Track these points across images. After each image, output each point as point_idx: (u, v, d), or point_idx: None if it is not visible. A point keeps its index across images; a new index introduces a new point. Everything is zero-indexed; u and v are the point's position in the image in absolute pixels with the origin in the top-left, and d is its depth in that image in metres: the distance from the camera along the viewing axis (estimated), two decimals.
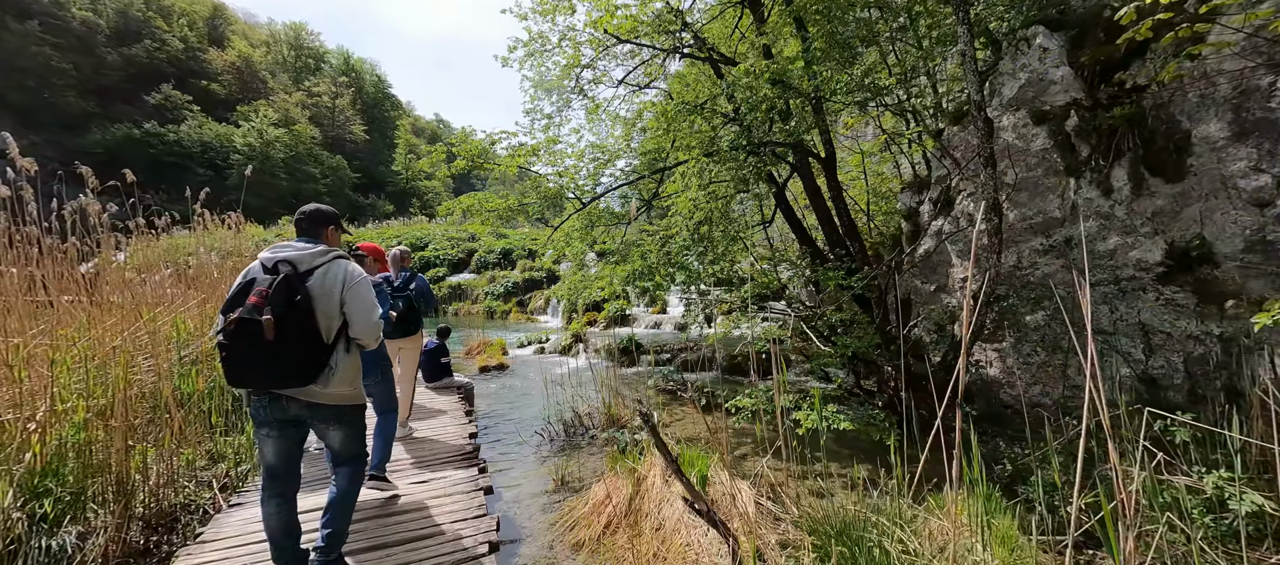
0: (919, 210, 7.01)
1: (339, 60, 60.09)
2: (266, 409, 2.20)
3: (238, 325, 2.02)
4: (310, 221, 2.43)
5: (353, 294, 2.29)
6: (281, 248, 2.28)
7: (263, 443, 2.26)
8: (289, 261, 2.20)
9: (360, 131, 55.04)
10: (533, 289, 20.62)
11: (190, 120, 40.57)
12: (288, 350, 2.09)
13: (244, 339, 2.02)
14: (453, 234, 26.57)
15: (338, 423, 2.34)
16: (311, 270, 2.23)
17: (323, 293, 2.22)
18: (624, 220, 8.38)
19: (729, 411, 4.74)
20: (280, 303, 2.08)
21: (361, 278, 2.36)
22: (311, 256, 2.26)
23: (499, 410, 6.55)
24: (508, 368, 8.92)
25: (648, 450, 3.97)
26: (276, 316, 2.04)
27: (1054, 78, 4.91)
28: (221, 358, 2.08)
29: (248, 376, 2.12)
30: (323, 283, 2.23)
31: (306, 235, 2.40)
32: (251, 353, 2.04)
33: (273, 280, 2.12)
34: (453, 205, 6.44)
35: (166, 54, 43.84)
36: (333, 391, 2.25)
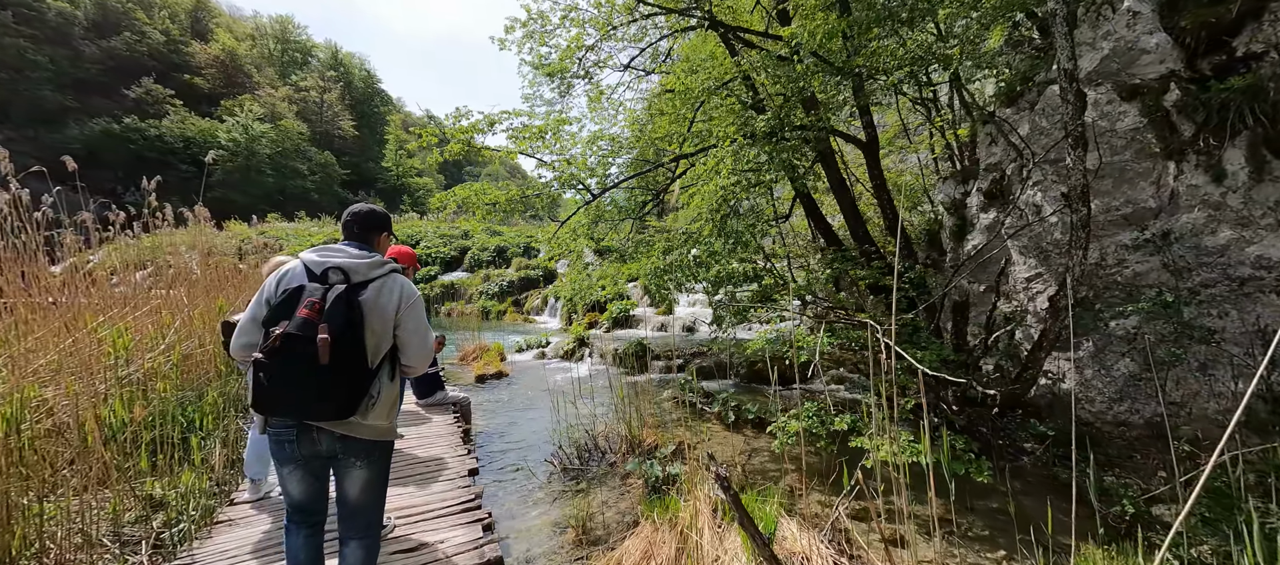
0: (965, 202, 6.34)
1: (327, 55, 58.72)
2: (293, 444, 1.88)
3: (285, 342, 1.73)
4: (363, 225, 2.09)
5: (410, 315, 1.99)
6: (331, 251, 1.97)
7: (286, 479, 1.97)
8: (342, 270, 1.90)
9: (349, 127, 53.84)
10: (529, 288, 19.85)
11: (172, 115, 39.32)
12: (339, 375, 1.79)
13: (292, 360, 1.73)
14: (445, 231, 25.73)
15: (367, 461, 1.98)
16: (366, 282, 1.93)
17: (376, 310, 1.91)
18: (631, 215, 7.67)
19: (772, 433, 4.03)
20: (340, 319, 1.79)
21: (418, 297, 2.07)
22: (368, 267, 1.95)
23: (499, 428, 5.81)
24: (507, 375, 8.18)
25: (688, 489, 3.26)
26: (334, 335, 1.76)
27: (1147, 46, 4.24)
28: (255, 377, 1.76)
29: (286, 403, 1.81)
30: (377, 299, 1.92)
31: (357, 240, 2.06)
32: (298, 376, 1.75)
33: (323, 291, 1.83)
34: (446, 197, 5.70)
35: (147, 47, 42.51)
36: (371, 423, 1.94)
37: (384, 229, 2.18)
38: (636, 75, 10.06)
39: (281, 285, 1.90)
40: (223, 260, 18.47)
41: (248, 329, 1.89)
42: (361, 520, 2.02)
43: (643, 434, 4.63)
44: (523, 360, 9.57)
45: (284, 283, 1.90)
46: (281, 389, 1.77)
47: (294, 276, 1.91)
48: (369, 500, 2.02)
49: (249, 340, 1.88)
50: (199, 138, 39.07)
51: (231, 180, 38.68)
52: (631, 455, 4.33)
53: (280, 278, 1.92)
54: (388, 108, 63.80)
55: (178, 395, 4.10)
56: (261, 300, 1.91)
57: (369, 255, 1.99)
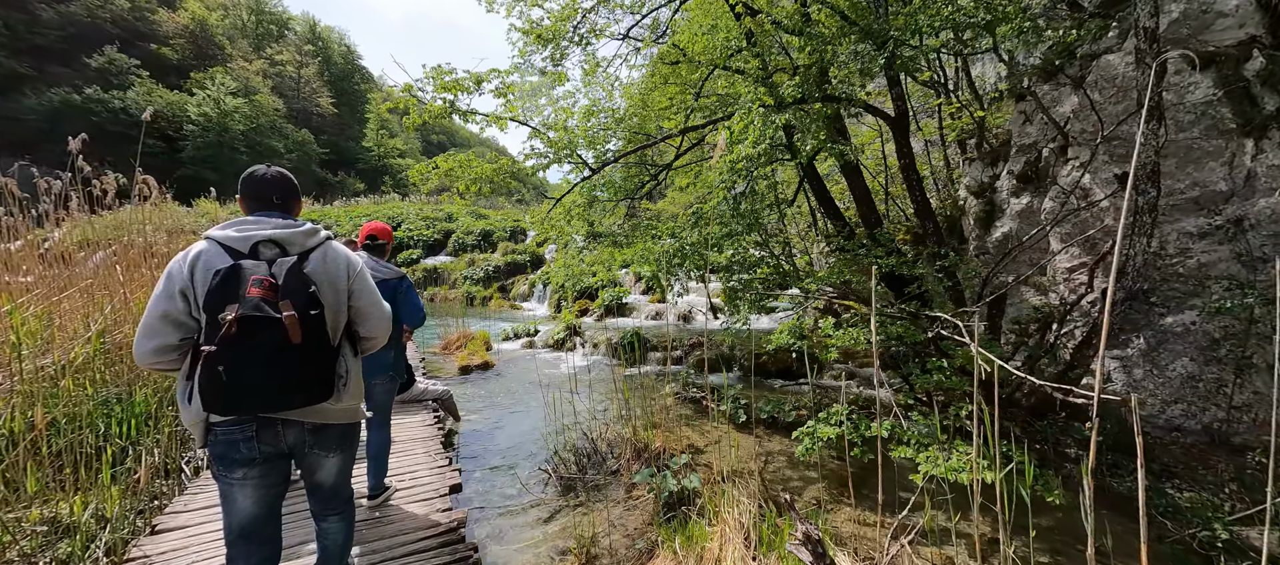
0: (995, 186, 5.88)
1: (305, 28, 56.42)
2: (252, 442, 1.65)
3: (244, 326, 1.51)
4: (285, 194, 1.85)
5: (361, 283, 1.85)
6: (247, 223, 1.72)
7: (235, 491, 1.67)
8: (276, 243, 1.70)
9: (328, 105, 51.94)
10: (515, 273, 19.17)
11: (138, 86, 37.41)
12: (310, 356, 1.62)
13: (256, 347, 1.53)
14: (428, 213, 24.85)
15: (340, 448, 1.86)
16: (306, 253, 1.73)
17: (325, 282, 1.74)
18: (629, 194, 7.08)
19: (797, 438, 3.54)
20: (300, 293, 1.62)
21: (362, 264, 1.90)
22: (303, 237, 1.75)
23: (485, 427, 5.25)
24: (493, 366, 7.59)
25: (712, 510, 2.76)
26: (299, 310, 1.58)
27: (1225, 8, 3.77)
28: (209, 373, 1.50)
29: (252, 397, 1.57)
30: (324, 268, 1.75)
31: (279, 210, 1.82)
32: (267, 363, 1.55)
33: (267, 266, 1.63)
34: (427, 169, 5.06)
35: (110, 13, 40.31)
36: (344, 406, 1.79)
37: (299, 197, 1.93)
38: (634, 47, 9.47)
39: (199, 270, 1.59)
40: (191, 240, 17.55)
41: (158, 328, 1.56)
42: (339, 495, 1.93)
43: (649, 437, 4.11)
44: (510, 350, 8.98)
45: (202, 266, 1.60)
46: (246, 381, 1.53)
47: (213, 258, 1.61)
48: (343, 480, 1.93)
49: (162, 342, 1.57)
50: (168, 111, 37.30)
51: (203, 157, 37.08)
52: (637, 462, 3.81)
53: (191, 262, 1.61)
54: (368, 86, 61.75)
55: (101, 393, 3.46)
56: (172, 293, 1.58)
57: (296, 224, 1.78)
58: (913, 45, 4.54)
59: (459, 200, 5.62)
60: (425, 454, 3.59)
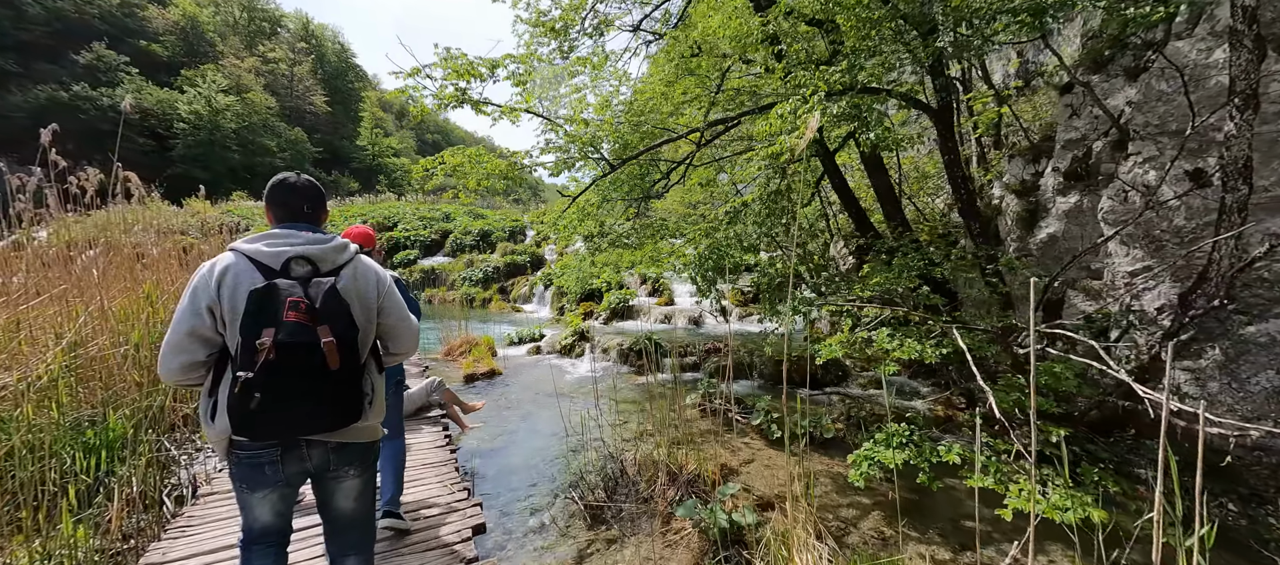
0: (1038, 184, 5.54)
1: (298, 25, 55.67)
2: (277, 466, 1.59)
3: (283, 352, 1.44)
4: (315, 203, 1.75)
5: (392, 300, 1.77)
6: (281, 238, 1.62)
7: (257, 506, 1.64)
8: (308, 260, 1.61)
9: (322, 103, 51.24)
10: (515, 274, 18.76)
11: (127, 83, 36.71)
12: (344, 379, 1.56)
13: (293, 373, 1.46)
14: (425, 213, 24.40)
15: (361, 467, 1.77)
16: (338, 270, 1.65)
17: (357, 300, 1.65)
18: (643, 194, 6.72)
19: (854, 463, 3.17)
20: (340, 318, 1.56)
21: (391, 279, 1.84)
22: (334, 253, 1.66)
23: (496, 443, 4.86)
24: (499, 374, 7.20)
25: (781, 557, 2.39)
26: (338, 335, 1.52)
27: None
28: (241, 398, 1.42)
29: (284, 422, 1.51)
30: (355, 285, 1.67)
31: (308, 221, 1.73)
32: (301, 390, 1.48)
33: (303, 287, 1.54)
34: (432, 164, 4.66)
35: (99, 9, 39.54)
36: (367, 425, 1.72)
37: (326, 207, 1.84)
38: (645, 41, 9.11)
39: (226, 285, 1.52)
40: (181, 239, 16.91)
41: (185, 345, 1.51)
42: (358, 532, 1.82)
43: (679, 457, 3.74)
44: (516, 356, 8.58)
45: (231, 281, 1.53)
46: (280, 408, 1.48)
47: (244, 274, 1.54)
48: (364, 507, 1.82)
49: (189, 359, 1.51)
50: (158, 109, 36.65)
51: (194, 155, 36.45)
52: (672, 487, 3.44)
53: (219, 277, 1.53)
54: (362, 84, 61.06)
55: (71, 416, 3.06)
56: (199, 309, 1.51)
57: (327, 238, 1.69)
58: (962, 32, 4.20)
59: (462, 197, 5.23)
60: (438, 482, 3.21)
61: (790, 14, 5.03)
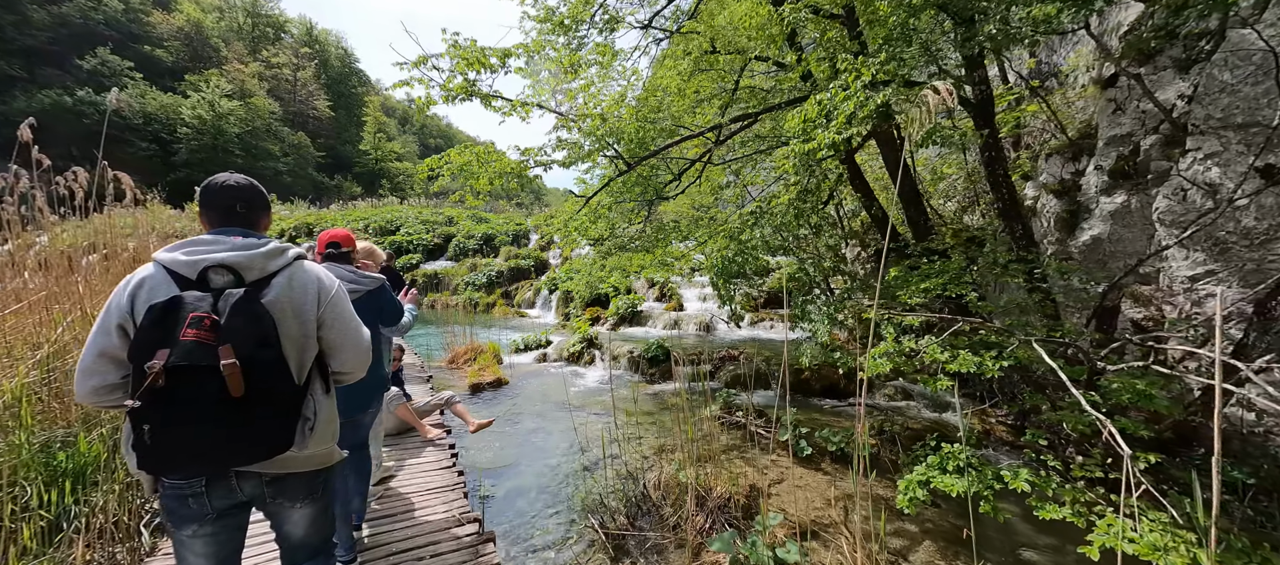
0: (1079, 184, 5.24)
1: (301, 30, 55.75)
2: (202, 498, 1.42)
3: (173, 378, 1.25)
4: (249, 203, 1.56)
5: (334, 311, 1.56)
6: (202, 245, 1.43)
7: (185, 548, 1.46)
8: (229, 268, 1.41)
9: (325, 108, 51.20)
10: (519, 278, 18.50)
11: (131, 88, 36.69)
12: (261, 407, 1.34)
13: (187, 402, 1.26)
14: (428, 217, 24.19)
15: (309, 498, 1.57)
16: (267, 279, 1.45)
17: (290, 312, 1.46)
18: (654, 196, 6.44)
19: (908, 491, 2.86)
20: (249, 336, 1.33)
21: (340, 287, 1.62)
22: (264, 258, 1.46)
23: (506, 461, 4.56)
24: (506, 383, 6.91)
25: None
26: (243, 358, 1.30)
27: None
28: (134, 431, 1.27)
29: (189, 457, 1.33)
30: (289, 296, 1.46)
31: (240, 224, 1.54)
32: (202, 420, 1.28)
33: (212, 300, 1.34)
34: (436, 163, 4.39)
35: (103, 15, 39.63)
36: (310, 453, 1.51)
37: (268, 210, 1.66)
38: (655, 39, 8.85)
39: (142, 300, 1.36)
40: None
41: (96, 367, 1.34)
42: (315, 545, 1.65)
43: (704, 477, 3.43)
44: (522, 363, 8.29)
45: (148, 297, 1.36)
46: (180, 442, 1.28)
47: (155, 286, 1.38)
48: (314, 532, 1.63)
49: (102, 381, 1.35)
50: (161, 114, 36.62)
51: (197, 160, 36.36)
52: (701, 513, 3.13)
53: (133, 291, 1.39)
54: (366, 89, 61.10)
55: (41, 436, 2.77)
56: (108, 326, 1.36)
57: (258, 242, 1.50)
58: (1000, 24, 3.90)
59: (469, 199, 4.96)
60: (445, 509, 2.91)
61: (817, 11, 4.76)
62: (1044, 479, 2.64)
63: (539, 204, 46.59)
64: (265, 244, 1.49)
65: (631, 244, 6.67)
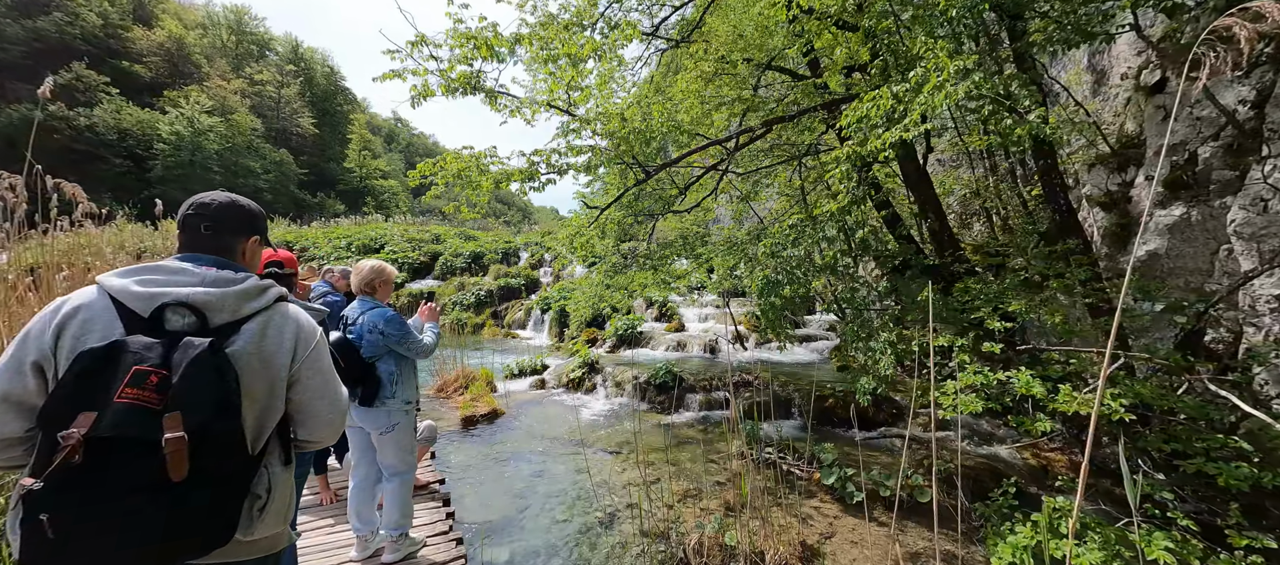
0: (1130, 195, 4.87)
1: (287, 49, 55.14)
2: None
3: (96, 454, 0.96)
4: (219, 224, 1.27)
5: (312, 366, 1.25)
6: (158, 273, 1.15)
7: None
8: (191, 307, 1.11)
9: (309, 125, 50.40)
10: (510, 298, 17.87)
11: (106, 104, 35.71)
12: (200, 490, 1.03)
13: (110, 488, 0.96)
14: (414, 234, 23.53)
15: None
16: (237, 324, 1.16)
17: (259, 368, 1.16)
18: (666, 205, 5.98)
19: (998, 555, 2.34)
20: (207, 402, 1.04)
21: (320, 335, 1.31)
22: (237, 298, 1.17)
23: (507, 515, 3.96)
24: (502, 415, 6.29)
25: None
26: (194, 430, 1.01)
27: None
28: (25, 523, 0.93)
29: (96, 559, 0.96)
30: (258, 348, 1.17)
31: (210, 251, 1.25)
32: (128, 513, 0.97)
33: (163, 349, 1.04)
34: (428, 169, 3.86)
35: (81, 29, 38.74)
36: (257, 538, 1.18)
37: (256, 233, 1.34)
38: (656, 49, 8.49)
39: (71, 335, 1.06)
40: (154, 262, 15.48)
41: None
42: None
43: (761, 541, 2.88)
44: (518, 391, 7.67)
45: (80, 332, 1.06)
46: (91, 540, 0.94)
47: (91, 321, 1.07)
48: None
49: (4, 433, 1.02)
50: (136, 130, 35.61)
51: (173, 177, 35.32)
52: None
53: (61, 323, 1.06)
54: (352, 107, 60.47)
55: None
56: (20, 362, 1.04)
57: (236, 275, 1.19)
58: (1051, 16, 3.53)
59: (465, 211, 4.45)
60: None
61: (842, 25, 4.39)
62: (1187, 547, 2.14)
63: (528, 222, 46.05)
64: (244, 280, 1.20)
65: (637, 261, 6.17)
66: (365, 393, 2.56)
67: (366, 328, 2.58)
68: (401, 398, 2.64)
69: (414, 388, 2.79)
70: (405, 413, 2.69)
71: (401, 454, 2.68)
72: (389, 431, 2.62)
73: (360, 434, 2.76)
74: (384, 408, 2.60)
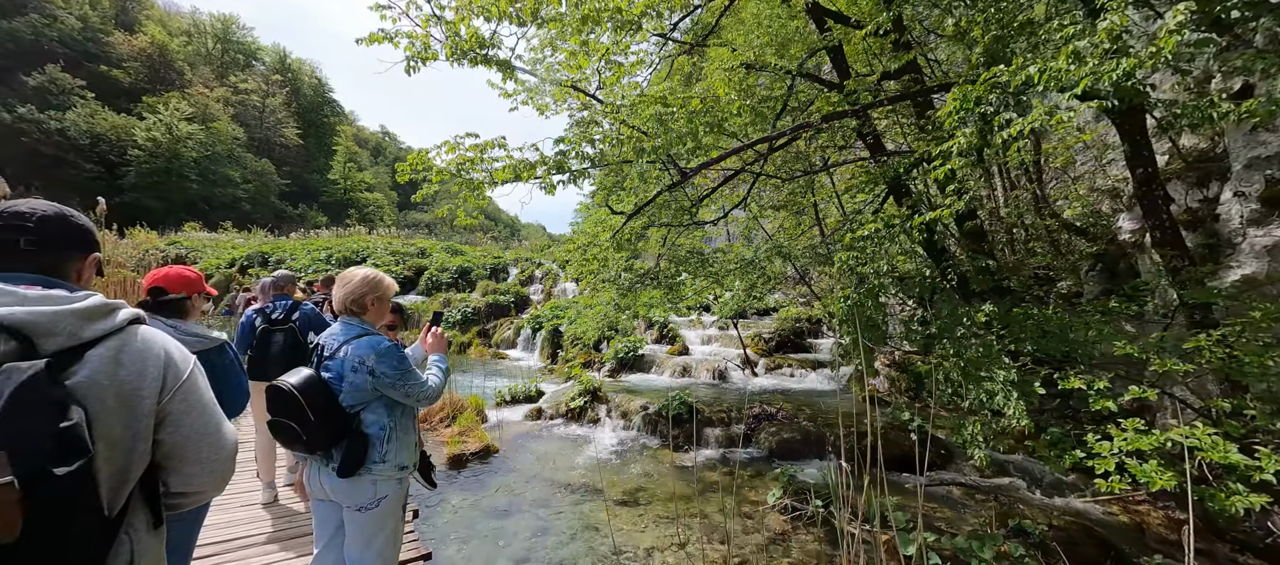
0: (1216, 213, 4.35)
1: (274, 59, 54.33)
2: None
3: None
4: (44, 240, 1.04)
5: (185, 401, 1.06)
6: None
7: None
8: (12, 331, 0.88)
9: (293, 135, 49.33)
10: (498, 316, 17.04)
11: (80, 108, 34.47)
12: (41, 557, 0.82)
13: None
14: (398, 248, 22.66)
15: None
16: (78, 350, 0.94)
17: (115, 402, 0.95)
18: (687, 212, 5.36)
19: None
20: (39, 441, 0.82)
21: (194, 364, 1.11)
22: (75, 318, 0.95)
23: None
24: (495, 452, 5.50)
25: None
26: (27, 478, 0.79)
27: None
28: None
29: None
30: (111, 379, 0.95)
31: (29, 265, 1.01)
32: None
33: None
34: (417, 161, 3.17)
35: (58, 32, 37.66)
36: None
37: (89, 250, 1.12)
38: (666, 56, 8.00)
39: None
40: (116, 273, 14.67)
41: None
42: None
43: None
44: (511, 420, 6.88)
45: None
46: None
47: None
48: None
49: None
50: (110, 135, 34.37)
51: (147, 184, 34.08)
52: None
53: None
54: (338, 119, 59.58)
55: None
56: None
57: (70, 296, 0.97)
58: None
59: (461, 216, 3.78)
60: None
61: None
62: None
63: (516, 238, 45.22)
64: (84, 299, 0.98)
65: (653, 279, 5.52)
66: (345, 457, 1.83)
67: (350, 364, 1.86)
68: (394, 462, 1.92)
69: (413, 446, 2.05)
70: (397, 482, 1.96)
71: (379, 549, 1.92)
72: (372, 508, 1.88)
73: (329, 509, 1.99)
74: (369, 476, 1.87)
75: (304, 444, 1.80)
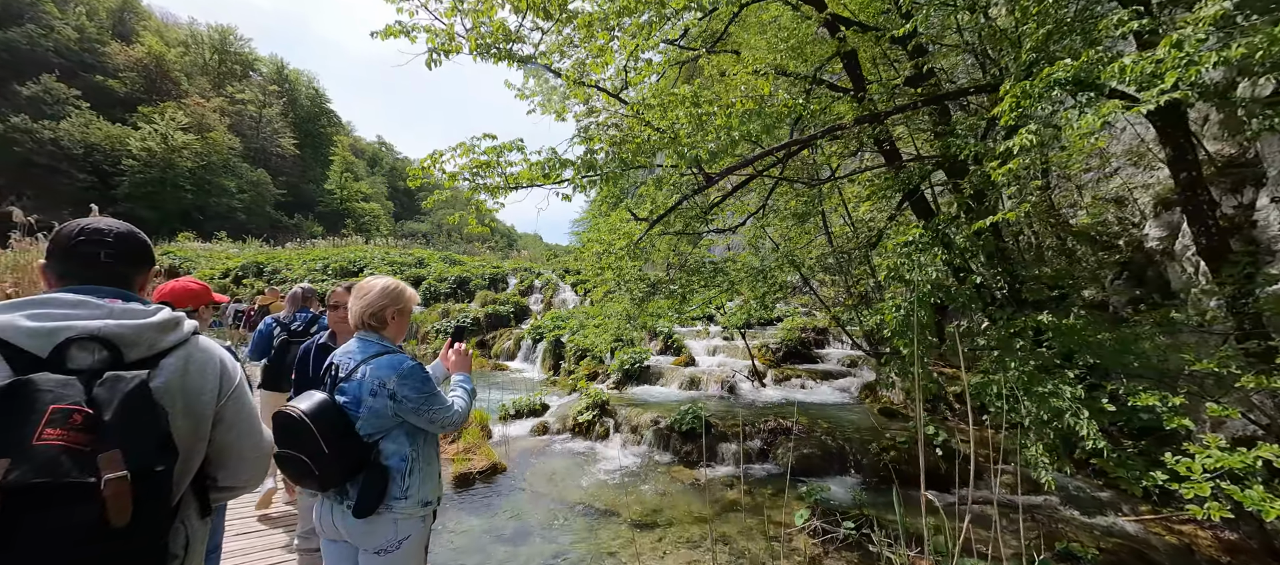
0: (1253, 219, 4.21)
1: (272, 69, 54.28)
2: None
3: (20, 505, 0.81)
4: (122, 254, 1.15)
5: (237, 407, 1.18)
6: (57, 306, 1.01)
7: None
8: (103, 341, 0.99)
9: (290, 145, 49.15)
10: (498, 326, 16.82)
11: (75, 117, 34.21)
12: (133, 539, 0.91)
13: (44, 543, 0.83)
14: (396, 258, 22.44)
15: None
16: (157, 358, 1.05)
17: (183, 407, 1.06)
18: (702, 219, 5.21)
19: None
20: (146, 439, 0.94)
21: (241, 371, 1.24)
22: (155, 331, 1.06)
23: None
24: (503, 471, 5.27)
25: None
26: (138, 471, 0.90)
27: None
28: None
29: None
30: (181, 384, 1.07)
31: (110, 281, 1.12)
32: None
33: (83, 387, 0.92)
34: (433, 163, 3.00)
35: (54, 42, 37.50)
36: None
37: (151, 264, 1.24)
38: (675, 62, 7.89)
39: None
40: None
41: None
42: None
43: None
44: (517, 436, 6.65)
45: None
46: None
47: None
48: None
49: None
50: (104, 145, 34.08)
51: (141, 194, 33.74)
52: None
53: None
54: (335, 129, 59.47)
55: None
56: None
57: (145, 310, 1.08)
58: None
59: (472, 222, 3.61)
60: None
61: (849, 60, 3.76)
62: None
63: (513, 249, 45.00)
64: (155, 313, 1.09)
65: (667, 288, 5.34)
66: (362, 493, 1.60)
67: (369, 387, 1.65)
68: (417, 498, 1.68)
69: (437, 479, 1.81)
70: (421, 520, 1.72)
71: None
72: (392, 550, 1.65)
73: (343, 551, 1.72)
74: (389, 514, 1.64)
75: (316, 479, 1.58)
